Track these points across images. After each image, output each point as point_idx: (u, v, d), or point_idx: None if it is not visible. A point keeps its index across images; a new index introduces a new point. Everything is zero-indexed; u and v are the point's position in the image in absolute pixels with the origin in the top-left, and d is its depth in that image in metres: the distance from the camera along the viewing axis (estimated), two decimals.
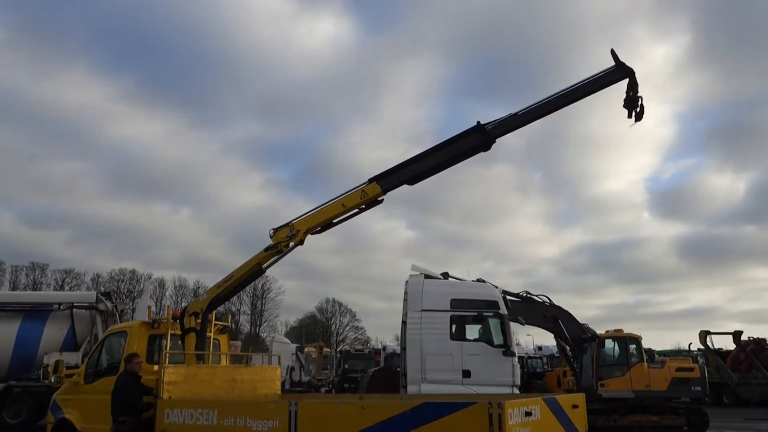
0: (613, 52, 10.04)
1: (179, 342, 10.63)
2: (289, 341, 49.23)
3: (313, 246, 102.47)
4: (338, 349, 48.68)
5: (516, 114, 10.21)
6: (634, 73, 10.05)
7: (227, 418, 8.17)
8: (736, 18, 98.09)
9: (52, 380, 11.18)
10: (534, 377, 32.54)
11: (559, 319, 19.08)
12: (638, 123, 10.20)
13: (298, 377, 36.06)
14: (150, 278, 68.93)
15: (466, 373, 12.02)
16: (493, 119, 10.22)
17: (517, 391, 12.03)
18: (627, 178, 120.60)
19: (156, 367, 9.85)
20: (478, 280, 19.00)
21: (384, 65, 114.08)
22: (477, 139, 10.19)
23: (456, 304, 12.74)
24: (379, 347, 44.17)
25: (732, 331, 30.37)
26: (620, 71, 10.06)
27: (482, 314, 12.57)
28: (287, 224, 10.43)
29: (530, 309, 19.17)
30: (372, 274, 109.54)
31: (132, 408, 9.06)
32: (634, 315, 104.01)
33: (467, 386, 11.82)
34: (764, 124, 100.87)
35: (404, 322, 12.99)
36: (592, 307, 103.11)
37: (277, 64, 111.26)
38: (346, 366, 36.26)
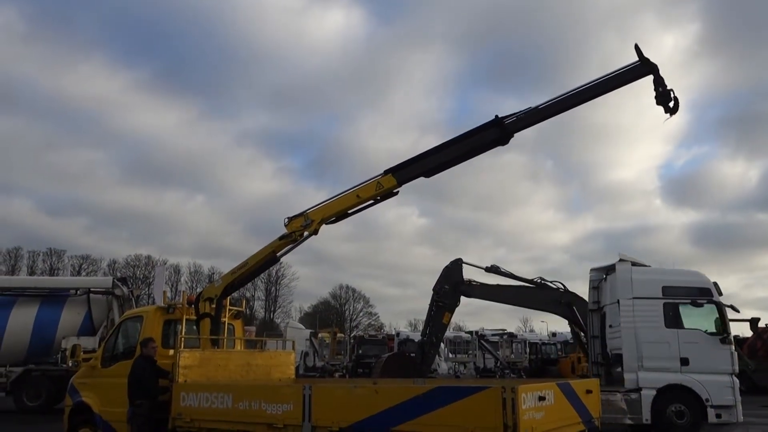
0: (637, 48, 9.77)
1: (194, 327, 10.72)
2: (303, 327, 49.52)
3: (327, 233, 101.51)
4: (352, 335, 48.84)
5: (536, 108, 10.03)
6: (658, 68, 9.78)
7: (242, 401, 8.24)
8: (744, 5, 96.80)
9: (70, 364, 11.36)
10: (548, 363, 32.55)
11: (574, 305, 18.98)
12: (673, 116, 9.98)
13: (312, 362, 36.30)
14: (165, 264, 69.58)
15: (684, 361, 12.44)
16: (511, 112, 10.05)
17: (736, 380, 12.55)
18: (639, 166, 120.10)
19: (171, 352, 9.93)
20: (492, 267, 19.02)
21: (394, 56, 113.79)
22: (495, 134, 10.04)
23: (668, 291, 13.03)
24: (393, 333, 44.33)
25: (749, 318, 30.09)
26: (644, 67, 9.76)
27: (697, 301, 12.74)
28: (302, 214, 10.40)
29: (544, 295, 19.07)
30: (385, 261, 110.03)
31: (148, 391, 9.16)
32: None
33: (686, 374, 12.28)
34: None
35: (600, 310, 14.26)
36: None
37: (287, 55, 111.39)
38: (360, 351, 36.42)
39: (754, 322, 30.19)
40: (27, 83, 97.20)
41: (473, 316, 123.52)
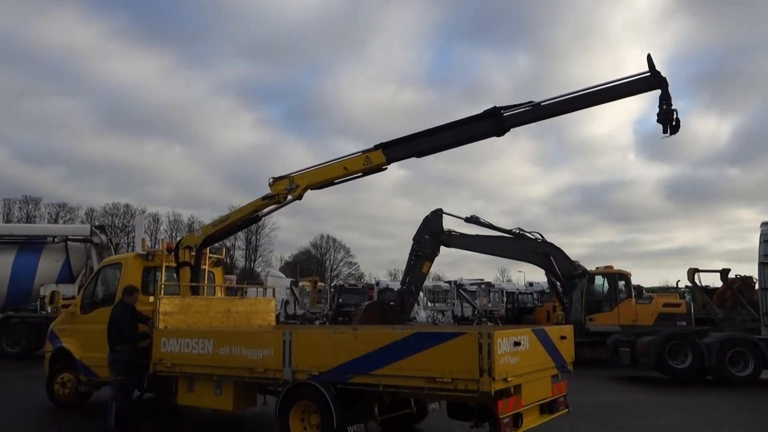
0: (649, 58, 9.49)
1: (174, 274, 10.72)
2: (284, 276, 49.75)
3: None
4: (332, 284, 49.29)
5: (537, 106, 9.72)
6: (667, 84, 9.51)
7: (222, 347, 8.31)
8: None
9: (49, 310, 11.35)
10: (524, 312, 33.20)
11: (551, 255, 19.33)
12: (672, 135, 9.80)
13: (292, 310, 36.67)
14: (143, 212, 68.93)
15: None
16: (510, 104, 9.71)
17: None
18: (615, 121, 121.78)
19: (151, 299, 9.96)
20: (471, 218, 19.17)
21: (373, 7, 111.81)
22: (490, 125, 9.78)
23: None
24: (373, 282, 44.80)
25: (720, 269, 30.86)
26: (653, 80, 9.47)
27: None
28: (287, 176, 10.24)
29: (522, 245, 19.39)
30: (365, 212, 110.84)
31: (127, 337, 9.20)
32: (621, 253, 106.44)
33: None
34: (748, 70, 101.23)
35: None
36: (581, 246, 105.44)
37: (265, 5, 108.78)
38: (340, 300, 36.80)
39: (724, 273, 30.89)
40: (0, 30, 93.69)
41: (452, 266, 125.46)
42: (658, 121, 9.53)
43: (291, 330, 8.06)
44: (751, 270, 20.23)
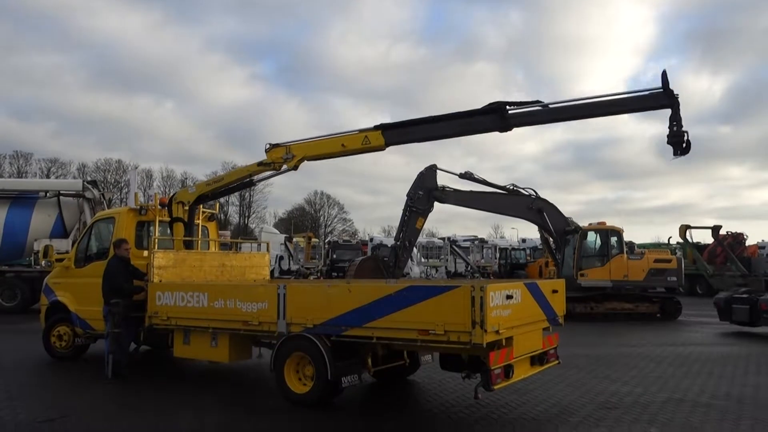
0: (664, 75, 9.22)
1: (168, 229, 10.71)
2: (278, 232, 49.84)
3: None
4: (326, 240, 49.45)
5: (543, 108, 9.54)
6: (679, 104, 9.29)
7: (217, 300, 8.37)
8: None
9: (43, 264, 11.35)
10: (517, 268, 33.57)
11: (544, 211, 19.37)
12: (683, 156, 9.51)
13: (286, 266, 36.86)
14: (136, 168, 68.45)
15: None
16: (516, 101, 9.53)
17: None
18: (608, 78, 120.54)
19: (145, 253, 9.97)
20: (466, 173, 19.11)
21: None
22: (494, 122, 9.60)
23: None
24: (367, 239, 44.97)
25: (711, 225, 31.12)
26: (665, 99, 9.22)
27: None
28: (284, 145, 10.11)
29: (516, 201, 19.40)
30: (358, 169, 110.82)
31: (122, 291, 9.24)
32: (613, 210, 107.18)
33: None
34: (741, 27, 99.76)
35: None
36: (574, 203, 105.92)
37: None
38: (334, 256, 36.97)
39: (715, 229, 31.27)
40: None
41: (445, 223, 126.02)
42: (669, 142, 9.35)
43: (285, 284, 8.11)
44: (742, 227, 20.43)
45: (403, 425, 6.69)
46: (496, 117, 9.45)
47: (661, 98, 9.19)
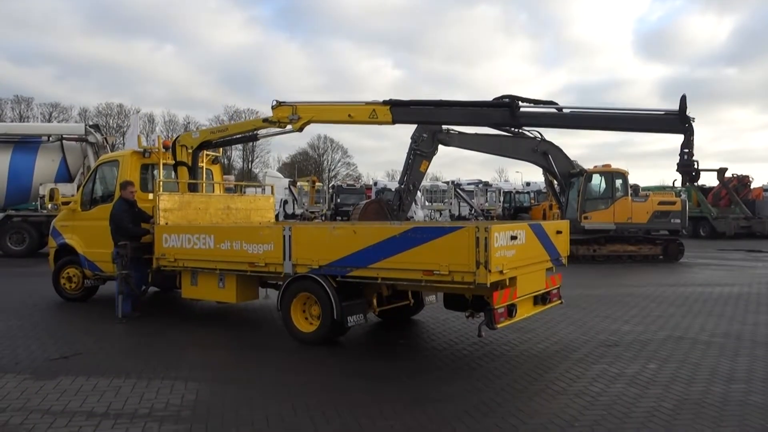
0: (683, 100, 9.15)
1: (172, 172, 10.71)
2: (282, 176, 49.76)
3: (300, 85, 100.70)
4: (330, 185, 49.44)
5: (555, 113, 9.45)
6: (692, 132, 9.22)
7: (224, 242, 8.45)
8: None
9: (49, 207, 11.40)
10: (521, 211, 33.56)
11: (549, 154, 19.24)
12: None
13: (291, 210, 37.04)
14: (138, 112, 67.85)
15: None
16: (528, 98, 9.38)
17: None
18: (614, 19, 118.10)
19: (150, 196, 10.01)
20: None
21: None
22: (505, 118, 9.55)
23: None
24: (371, 183, 44.94)
25: (717, 168, 30.95)
26: (680, 126, 9.22)
27: None
28: (292, 104, 9.94)
29: (521, 144, 19.25)
30: None
31: (128, 233, 9.33)
32: (617, 154, 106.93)
33: None
34: None
35: None
36: (577, 146, 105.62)
37: None
38: (338, 200, 37.08)
39: (721, 172, 31.11)
40: None
41: (449, 167, 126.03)
42: (678, 170, 9.45)
43: (290, 225, 8.16)
44: (747, 169, 20.30)
45: (408, 362, 6.86)
46: (506, 113, 9.42)
47: (674, 123, 9.27)
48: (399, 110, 9.66)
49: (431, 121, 9.98)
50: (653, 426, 4.74)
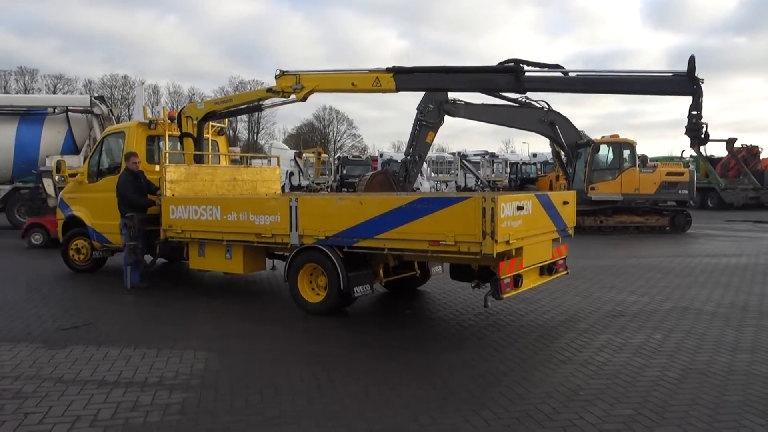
0: (691, 60, 8.84)
1: (178, 143, 10.69)
2: (288, 147, 49.64)
3: (304, 55, 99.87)
4: (336, 156, 49.32)
5: (561, 76, 9.19)
6: (702, 93, 8.97)
7: (230, 213, 8.47)
8: None
9: (57, 179, 11.42)
10: (527, 182, 33.48)
11: (556, 124, 19.10)
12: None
13: (297, 181, 37.01)
14: (143, 83, 67.61)
15: None
16: (534, 62, 9.15)
17: None
18: None
19: (157, 168, 10.01)
20: None
21: None
22: (509, 83, 9.26)
23: None
24: (377, 154, 44.79)
25: (726, 138, 30.65)
26: (689, 87, 8.91)
27: None
28: (295, 74, 9.81)
29: (528, 114, 19.10)
30: None
31: (133, 204, 9.36)
32: (624, 125, 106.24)
33: None
34: None
35: None
36: (584, 117, 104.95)
37: None
38: (344, 171, 37.00)
39: (730, 142, 30.81)
40: None
41: (456, 138, 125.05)
42: (686, 133, 9.17)
43: (297, 197, 8.16)
44: (756, 140, 20.10)
45: (415, 332, 6.91)
46: (511, 78, 9.18)
47: (682, 84, 8.96)
48: (402, 77, 9.50)
49: (435, 87, 9.81)
50: (658, 395, 4.78)
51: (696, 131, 9.12)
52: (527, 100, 19.00)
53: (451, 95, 18.60)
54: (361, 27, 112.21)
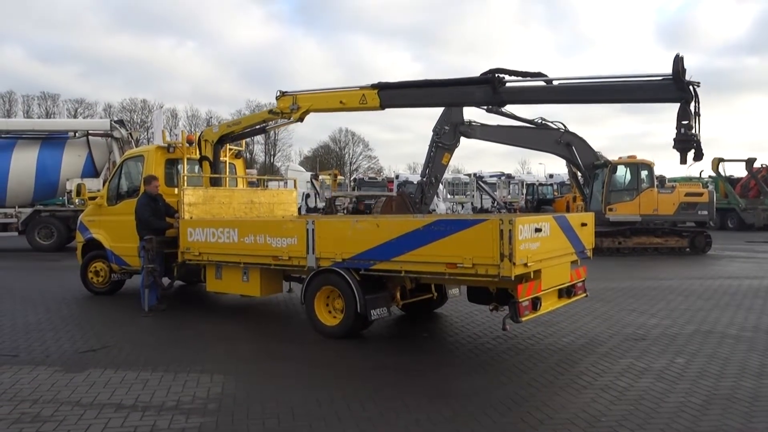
0: (677, 61, 7.56)
1: (197, 167, 10.79)
2: (304, 170, 49.94)
3: (319, 78, 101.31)
4: (352, 178, 49.47)
5: (541, 87, 8.40)
6: (692, 98, 7.58)
7: (247, 236, 8.51)
8: None
9: (77, 202, 11.57)
10: (544, 203, 33.27)
11: (573, 145, 19.05)
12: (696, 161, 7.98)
13: (313, 203, 37.11)
14: (162, 107, 68.68)
15: None
16: (515, 71, 8.41)
17: None
18: (633, 8, 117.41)
19: (175, 191, 10.10)
20: (492, 108, 18.72)
21: None
22: (487, 95, 8.73)
23: None
24: (393, 176, 44.88)
25: (746, 158, 30.35)
26: (676, 93, 7.59)
27: None
28: (292, 94, 9.90)
29: (544, 135, 19.09)
30: None
31: (151, 226, 9.43)
32: (639, 145, 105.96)
33: None
34: None
35: None
36: (598, 137, 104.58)
37: None
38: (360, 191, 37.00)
39: (750, 162, 30.51)
40: None
41: (471, 160, 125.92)
42: (675, 147, 7.71)
43: (314, 219, 8.18)
44: None
45: (432, 356, 6.84)
46: (488, 89, 8.55)
47: (672, 91, 7.61)
48: (386, 93, 9.25)
49: (418, 104, 9.53)
50: (682, 421, 4.67)
51: (685, 144, 7.68)
52: (543, 121, 19.01)
53: (466, 116, 18.67)
54: (375, 50, 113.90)
